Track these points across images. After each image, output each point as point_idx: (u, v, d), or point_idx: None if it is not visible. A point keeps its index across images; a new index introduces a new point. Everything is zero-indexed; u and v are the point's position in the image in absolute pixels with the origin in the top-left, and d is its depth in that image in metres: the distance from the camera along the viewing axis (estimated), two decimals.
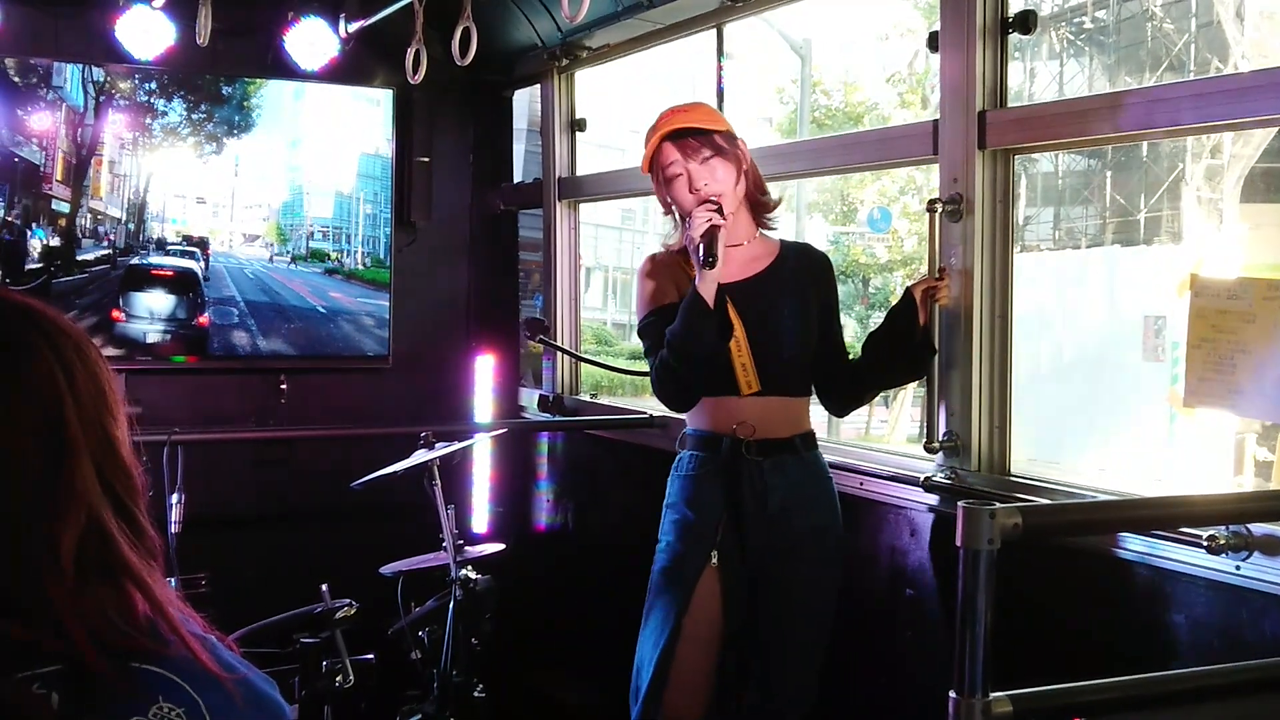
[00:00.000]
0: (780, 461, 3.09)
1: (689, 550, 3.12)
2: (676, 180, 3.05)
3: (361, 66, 5.23)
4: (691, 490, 3.15)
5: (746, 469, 3.08)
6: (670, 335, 2.98)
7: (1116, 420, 9.78)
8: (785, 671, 3.13)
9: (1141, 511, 2.07)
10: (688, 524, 3.13)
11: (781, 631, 3.12)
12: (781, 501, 3.08)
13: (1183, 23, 11.99)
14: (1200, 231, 11.33)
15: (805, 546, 3.11)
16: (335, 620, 3.46)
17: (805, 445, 3.15)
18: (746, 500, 3.08)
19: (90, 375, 1.19)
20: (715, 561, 3.08)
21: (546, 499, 5.17)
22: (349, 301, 5.30)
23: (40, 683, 1.07)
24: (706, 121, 3.08)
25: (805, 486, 3.13)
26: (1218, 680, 1.79)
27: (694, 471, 3.15)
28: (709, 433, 3.14)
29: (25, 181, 4.75)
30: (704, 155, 3.03)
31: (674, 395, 3.12)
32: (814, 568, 3.12)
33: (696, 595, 3.08)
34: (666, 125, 3.07)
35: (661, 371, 3.03)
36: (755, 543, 3.09)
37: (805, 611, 3.12)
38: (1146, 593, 2.63)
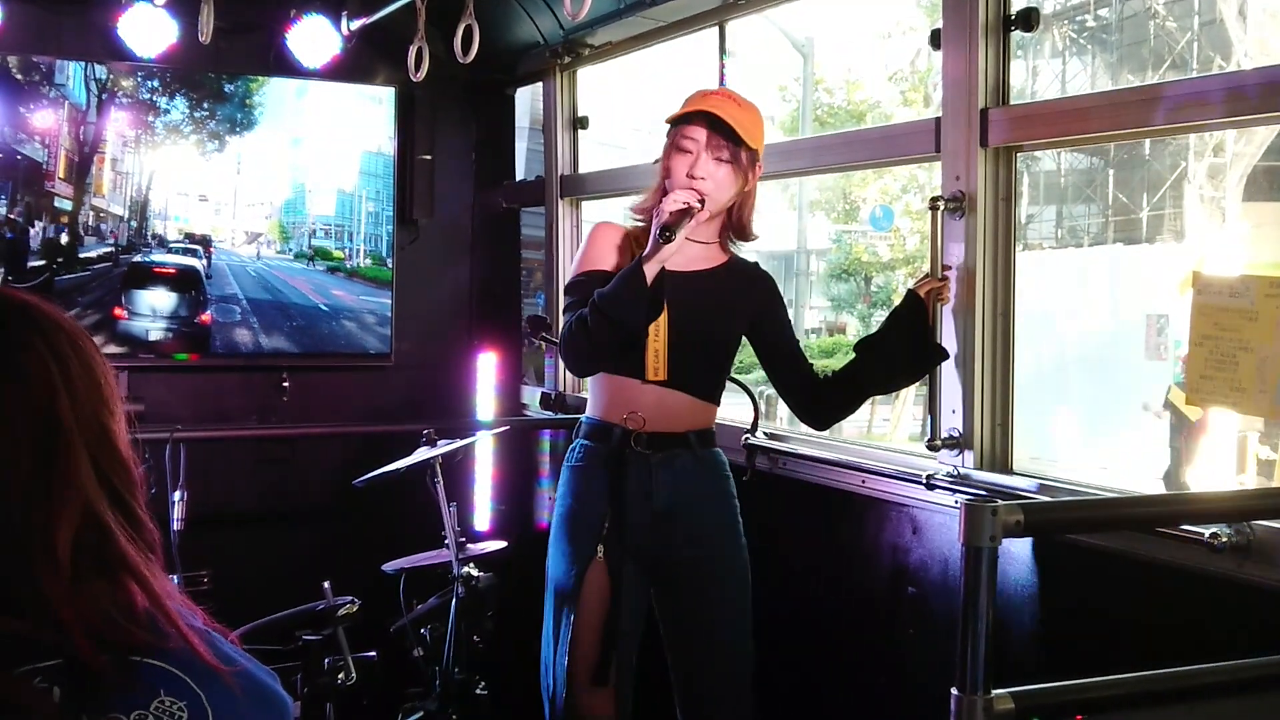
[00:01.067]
0: (671, 456, 3.05)
1: (575, 544, 3.08)
2: (684, 155, 2.99)
3: (364, 64, 5.23)
4: (577, 481, 3.11)
5: (634, 461, 3.03)
6: (599, 296, 2.90)
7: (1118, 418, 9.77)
8: (709, 684, 3.11)
9: (1144, 509, 2.07)
10: (573, 517, 3.10)
11: (690, 640, 3.10)
12: (670, 499, 3.04)
13: (1185, 21, 11.98)
14: (1203, 230, 11.33)
15: (699, 547, 3.07)
16: (337, 617, 3.46)
17: (701, 442, 3.10)
18: (631, 494, 3.03)
19: (85, 369, 1.19)
20: (601, 555, 3.04)
21: (548, 497, 5.16)
22: (351, 299, 5.30)
23: (41, 677, 1.08)
24: (747, 131, 2.99)
25: (698, 484, 3.09)
26: (1220, 678, 1.79)
27: (581, 462, 3.12)
28: (600, 421, 3.10)
29: (28, 179, 4.75)
30: (722, 156, 2.98)
31: (580, 355, 3.02)
32: (717, 569, 3.08)
33: (586, 590, 3.04)
34: (716, 107, 2.99)
35: (577, 327, 2.94)
36: (641, 539, 3.04)
37: (717, 619, 3.08)
38: (1148, 590, 2.63)
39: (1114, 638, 2.69)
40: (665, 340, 3.01)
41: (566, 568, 3.09)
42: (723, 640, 3.09)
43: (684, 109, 3.04)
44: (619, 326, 2.90)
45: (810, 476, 3.59)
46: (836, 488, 3.50)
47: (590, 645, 3.05)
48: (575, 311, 2.98)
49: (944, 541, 3.17)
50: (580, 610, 3.04)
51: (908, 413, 13.24)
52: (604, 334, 2.91)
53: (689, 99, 3.06)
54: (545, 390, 5.19)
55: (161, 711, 1.10)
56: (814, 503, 3.58)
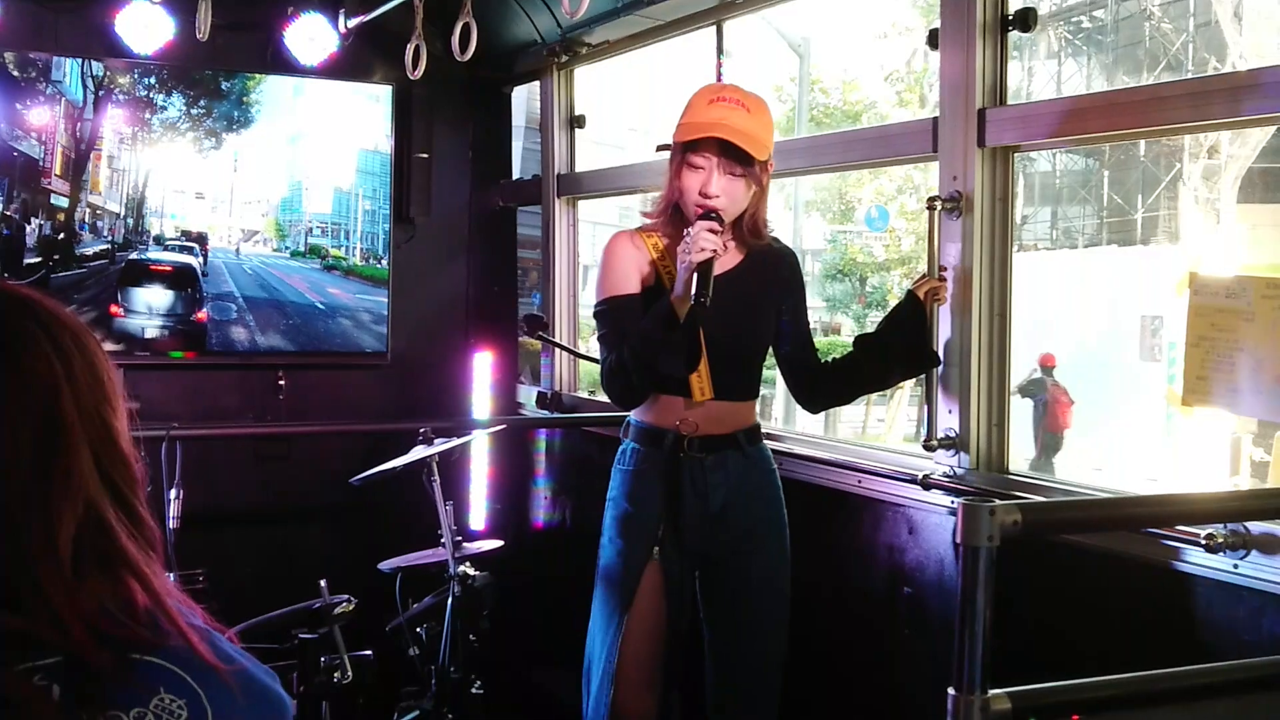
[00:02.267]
0: (722, 457, 3.08)
1: (631, 546, 3.11)
2: (697, 172, 2.94)
3: (361, 62, 5.23)
4: (633, 485, 3.13)
5: (689, 465, 3.06)
6: (636, 342, 2.92)
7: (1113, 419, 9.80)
8: (742, 672, 3.13)
9: (1140, 509, 2.07)
10: (630, 519, 3.12)
11: (733, 629, 3.12)
12: (724, 498, 3.07)
13: (1180, 22, 12.01)
14: (1197, 231, 11.35)
15: (748, 541, 3.10)
16: (334, 616, 3.46)
17: (749, 440, 3.13)
18: (687, 497, 3.06)
19: (88, 365, 1.19)
20: (657, 556, 3.07)
21: (544, 496, 5.17)
22: (347, 298, 5.30)
23: (41, 674, 1.07)
24: (759, 144, 2.93)
25: (748, 482, 3.11)
26: (1216, 678, 1.79)
27: (636, 466, 3.13)
28: (652, 427, 3.11)
29: (24, 176, 4.74)
30: (735, 172, 2.93)
31: (622, 396, 3.06)
32: (760, 562, 3.11)
33: (640, 591, 3.08)
34: (726, 124, 2.90)
35: (617, 369, 2.97)
36: (696, 539, 3.07)
37: (755, 607, 3.11)
38: (1144, 590, 2.64)
39: (1110, 638, 2.70)
40: (705, 363, 3.02)
41: (622, 568, 3.11)
42: (761, 627, 3.12)
43: (694, 130, 2.94)
44: (659, 370, 2.96)
45: (806, 476, 3.59)
46: (832, 487, 3.51)
47: (639, 646, 3.08)
48: (612, 350, 3.00)
49: (940, 541, 3.17)
50: (634, 612, 3.07)
51: (903, 413, 13.26)
52: (646, 376, 2.97)
53: (696, 108, 2.98)
54: (541, 389, 5.19)
55: (161, 709, 1.10)
56: (810, 502, 3.57)
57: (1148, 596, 2.63)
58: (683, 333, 2.91)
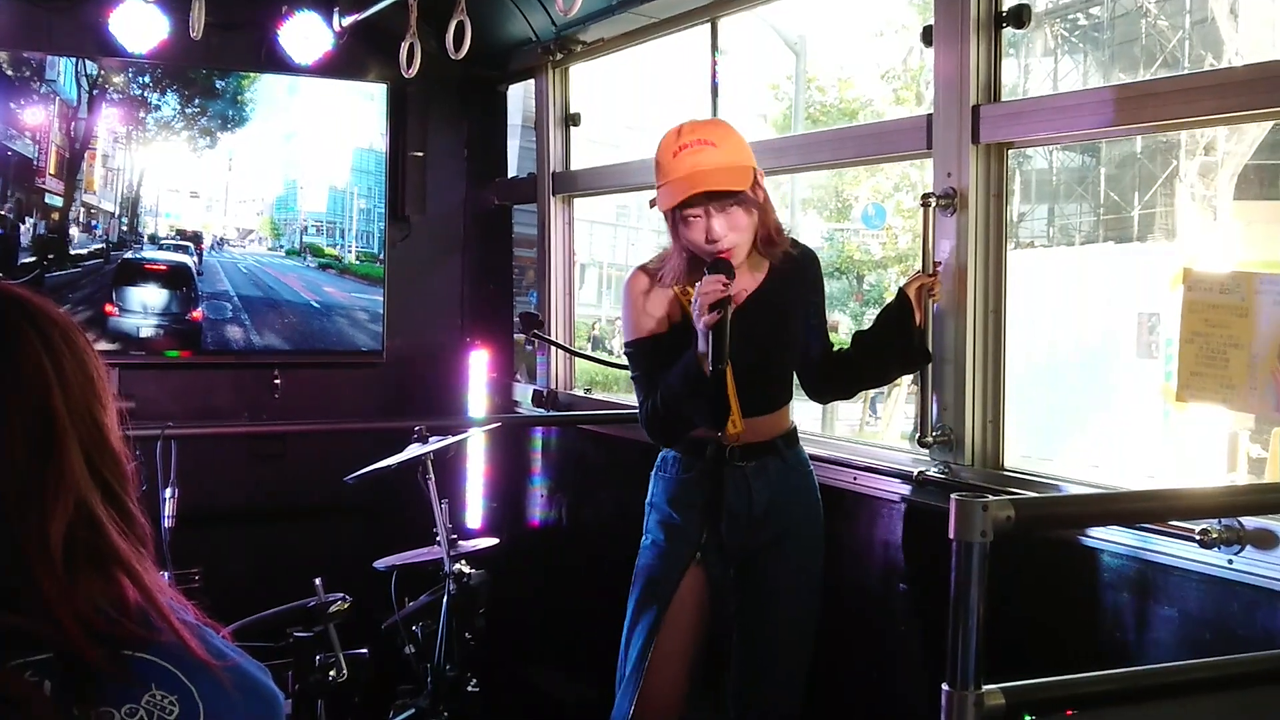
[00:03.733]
0: (764, 464, 3.09)
1: (673, 549, 3.12)
2: (695, 224, 2.92)
3: (355, 61, 5.22)
4: (676, 491, 3.15)
5: (731, 473, 3.07)
6: (667, 395, 2.97)
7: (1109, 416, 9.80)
8: (769, 666, 3.14)
9: (1134, 504, 2.07)
10: (673, 524, 3.14)
11: (764, 624, 3.13)
12: (767, 503, 3.09)
13: (1177, 19, 12.01)
14: (1194, 228, 11.35)
15: (785, 541, 3.12)
16: (329, 615, 3.45)
17: (787, 444, 3.15)
18: (732, 504, 3.08)
19: (79, 363, 1.19)
20: (699, 561, 3.10)
21: (540, 494, 5.17)
22: (343, 296, 5.30)
23: (33, 671, 1.07)
24: (738, 173, 2.90)
25: (787, 485, 3.13)
26: (1210, 673, 1.79)
27: (678, 474, 3.15)
28: (692, 437, 3.12)
29: (18, 175, 4.74)
30: (727, 204, 2.91)
31: (662, 437, 3.14)
32: (795, 562, 3.13)
33: (680, 593, 3.10)
34: (698, 174, 2.87)
35: (652, 417, 3.04)
36: (738, 542, 3.09)
37: (787, 604, 3.13)
38: (1139, 586, 2.64)
39: (1104, 633, 2.70)
40: (734, 393, 3.02)
41: (664, 571, 3.13)
42: (793, 623, 3.14)
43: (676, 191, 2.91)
44: (697, 422, 3.03)
45: None
46: (829, 484, 3.50)
47: (677, 645, 3.10)
48: (647, 395, 3.04)
49: (935, 538, 3.17)
50: (671, 613, 3.09)
51: (900, 410, 13.25)
52: (683, 424, 3.05)
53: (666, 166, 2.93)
54: (537, 388, 5.19)
55: (153, 705, 1.10)
56: None
57: (1141, 592, 2.63)
58: (708, 386, 2.92)
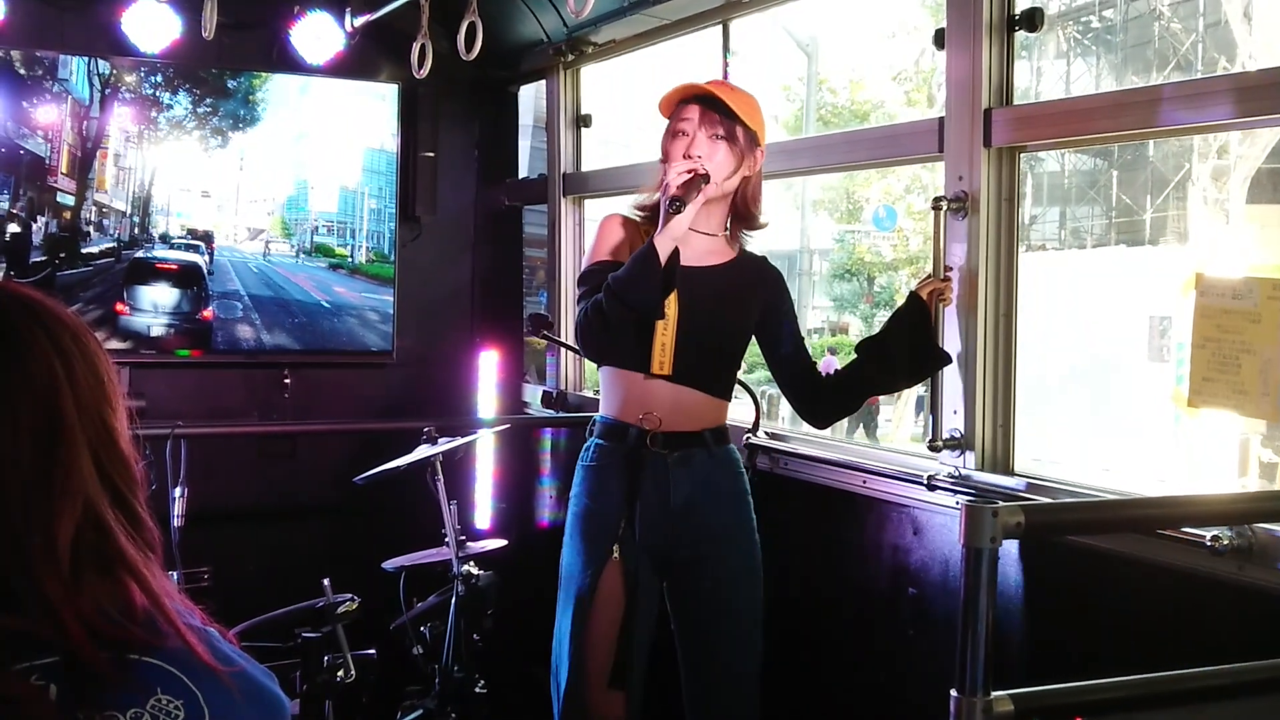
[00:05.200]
0: (687, 455, 3.04)
1: (590, 544, 3.06)
2: (680, 137, 2.98)
3: (367, 61, 5.23)
4: (593, 481, 3.10)
5: (651, 461, 3.01)
6: (613, 279, 2.88)
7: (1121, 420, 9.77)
8: (717, 681, 3.10)
9: (1145, 511, 2.06)
10: (589, 516, 3.08)
11: (705, 638, 3.09)
12: (687, 498, 3.03)
13: (1190, 22, 11.97)
14: (1206, 232, 11.32)
15: (716, 545, 3.07)
16: (337, 615, 3.46)
17: (716, 439, 3.09)
18: (648, 493, 3.01)
19: (88, 366, 1.19)
20: (617, 554, 3.03)
21: (549, 495, 5.16)
22: (353, 296, 5.30)
23: (38, 674, 1.07)
24: (743, 111, 2.98)
25: (712, 482, 3.07)
26: (1220, 681, 1.78)
27: (597, 462, 3.10)
28: (615, 421, 3.07)
29: (30, 174, 4.75)
30: (718, 133, 2.96)
31: (596, 340, 2.98)
32: (729, 567, 3.07)
33: (601, 590, 3.03)
34: (707, 89, 2.99)
35: (592, 312, 2.91)
36: (656, 537, 3.02)
37: (727, 613, 3.08)
38: (1149, 592, 2.63)
39: (1114, 640, 2.69)
40: (674, 335, 2.98)
41: (582, 567, 3.07)
42: (733, 634, 3.08)
43: (674, 94, 3.04)
44: (634, 307, 2.89)
45: (811, 476, 3.59)
46: (837, 488, 3.50)
47: (603, 646, 3.04)
48: (589, 300, 2.95)
49: (945, 542, 3.16)
50: (594, 611, 3.03)
51: (909, 413, 13.24)
52: (619, 315, 2.89)
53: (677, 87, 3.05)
54: (547, 389, 5.19)
55: (158, 710, 1.10)
56: (815, 503, 3.57)
57: (1152, 598, 2.62)
58: (659, 268, 2.85)
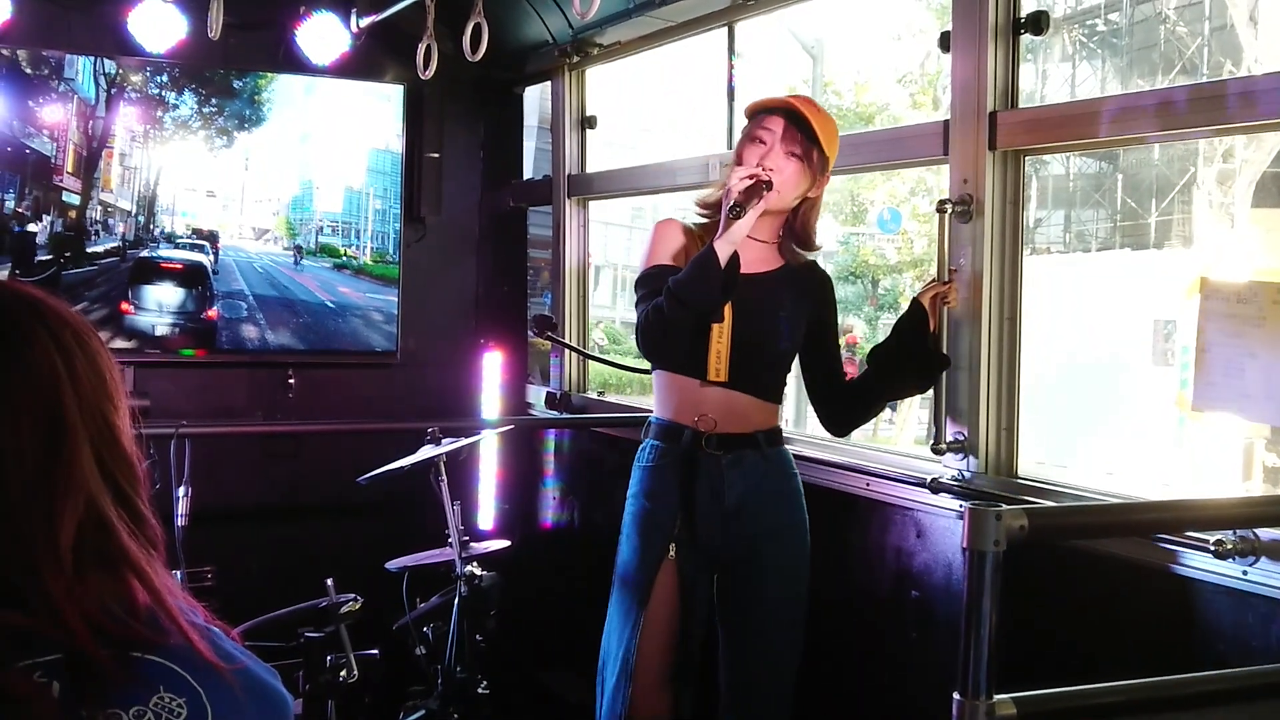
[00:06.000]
0: (740, 456, 3.07)
1: (647, 543, 3.11)
2: (757, 145, 3.01)
3: (373, 62, 5.23)
4: (650, 482, 3.14)
5: (705, 462, 3.06)
6: (674, 282, 2.92)
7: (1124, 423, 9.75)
8: (755, 677, 3.12)
9: (1148, 515, 2.06)
10: (646, 516, 3.12)
11: (748, 633, 3.11)
12: (740, 497, 3.06)
13: (1196, 26, 11.95)
14: (1211, 236, 11.30)
15: (766, 545, 3.09)
16: (340, 615, 3.46)
17: (769, 441, 3.12)
18: (702, 494, 3.06)
19: (90, 363, 1.19)
20: (672, 555, 3.07)
21: (553, 496, 5.17)
22: (358, 297, 5.31)
23: (41, 671, 1.07)
24: (824, 135, 3.01)
25: (766, 483, 3.11)
26: (1224, 685, 1.78)
27: (653, 462, 3.14)
28: (670, 423, 3.12)
29: (36, 173, 4.76)
30: (795, 150, 2.99)
31: (655, 341, 3.03)
32: (777, 566, 3.10)
33: (656, 589, 3.07)
34: (796, 105, 3.02)
35: (653, 315, 2.96)
36: (709, 538, 3.07)
37: (771, 612, 3.11)
38: (1152, 596, 2.62)
39: (1117, 644, 2.69)
40: (728, 341, 3.03)
41: (638, 565, 3.11)
42: (776, 632, 3.12)
43: (762, 103, 3.07)
44: (694, 308, 2.93)
45: (815, 479, 3.58)
46: (841, 490, 3.50)
47: (655, 644, 3.08)
48: (649, 302, 2.99)
49: (948, 545, 3.16)
50: (650, 610, 3.07)
51: (913, 416, 13.22)
52: (679, 317, 2.93)
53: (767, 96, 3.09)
54: (550, 390, 5.19)
55: (161, 708, 1.10)
56: (818, 505, 3.56)
57: (1156, 602, 2.62)
58: (720, 271, 2.89)
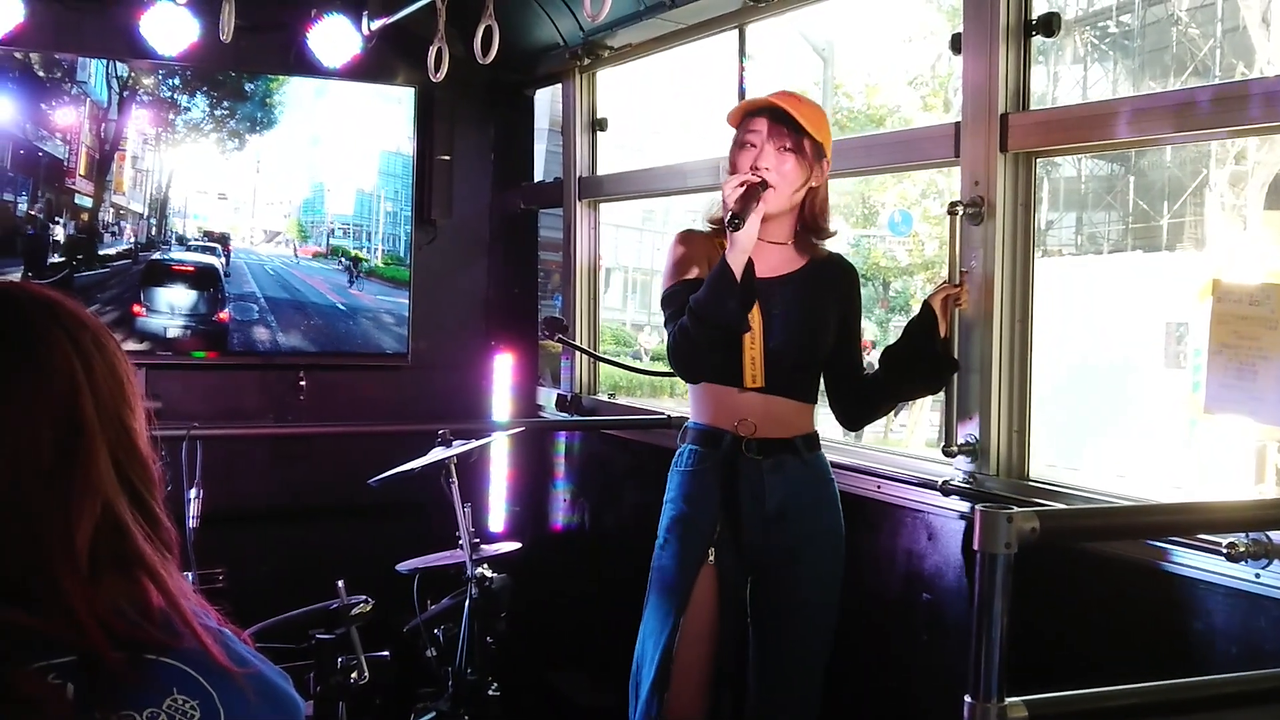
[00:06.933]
0: (780, 461, 3.07)
1: (686, 547, 3.09)
2: (747, 149, 3.00)
3: (384, 64, 5.24)
4: (690, 486, 3.12)
5: (745, 467, 3.05)
6: (694, 301, 2.92)
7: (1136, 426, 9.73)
8: (786, 679, 3.11)
9: (1160, 517, 2.06)
10: (685, 520, 3.11)
11: (781, 636, 3.11)
12: (780, 502, 3.06)
13: (1208, 27, 11.92)
14: (1223, 238, 11.27)
15: (804, 549, 3.08)
16: (351, 617, 3.46)
17: (807, 446, 3.12)
18: (744, 499, 3.05)
19: (108, 367, 1.19)
20: (712, 559, 3.06)
21: (563, 498, 5.17)
22: (368, 299, 5.32)
23: (55, 673, 1.08)
24: (810, 123, 3.00)
25: (805, 488, 3.10)
26: (1236, 688, 1.78)
27: (693, 467, 3.13)
28: (710, 428, 3.11)
29: (49, 176, 4.78)
30: (785, 145, 2.97)
31: (687, 362, 3.06)
32: (814, 571, 3.09)
33: (695, 594, 3.06)
34: (776, 102, 3.00)
35: (680, 336, 2.98)
36: (751, 542, 3.06)
37: (805, 615, 3.10)
38: (1164, 599, 2.62)
39: (1129, 646, 2.68)
40: (761, 347, 3.03)
41: (678, 569, 3.10)
42: (809, 636, 3.11)
43: (742, 108, 3.07)
44: (718, 325, 2.93)
45: None
46: (852, 492, 3.49)
47: (694, 649, 3.07)
48: (675, 322, 3.00)
49: (959, 547, 3.15)
50: (688, 615, 3.06)
51: (925, 418, 13.20)
52: (706, 336, 2.94)
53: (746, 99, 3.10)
54: (561, 392, 5.19)
55: (174, 710, 1.10)
56: None
57: (1167, 605, 2.61)
58: (736, 285, 2.88)
